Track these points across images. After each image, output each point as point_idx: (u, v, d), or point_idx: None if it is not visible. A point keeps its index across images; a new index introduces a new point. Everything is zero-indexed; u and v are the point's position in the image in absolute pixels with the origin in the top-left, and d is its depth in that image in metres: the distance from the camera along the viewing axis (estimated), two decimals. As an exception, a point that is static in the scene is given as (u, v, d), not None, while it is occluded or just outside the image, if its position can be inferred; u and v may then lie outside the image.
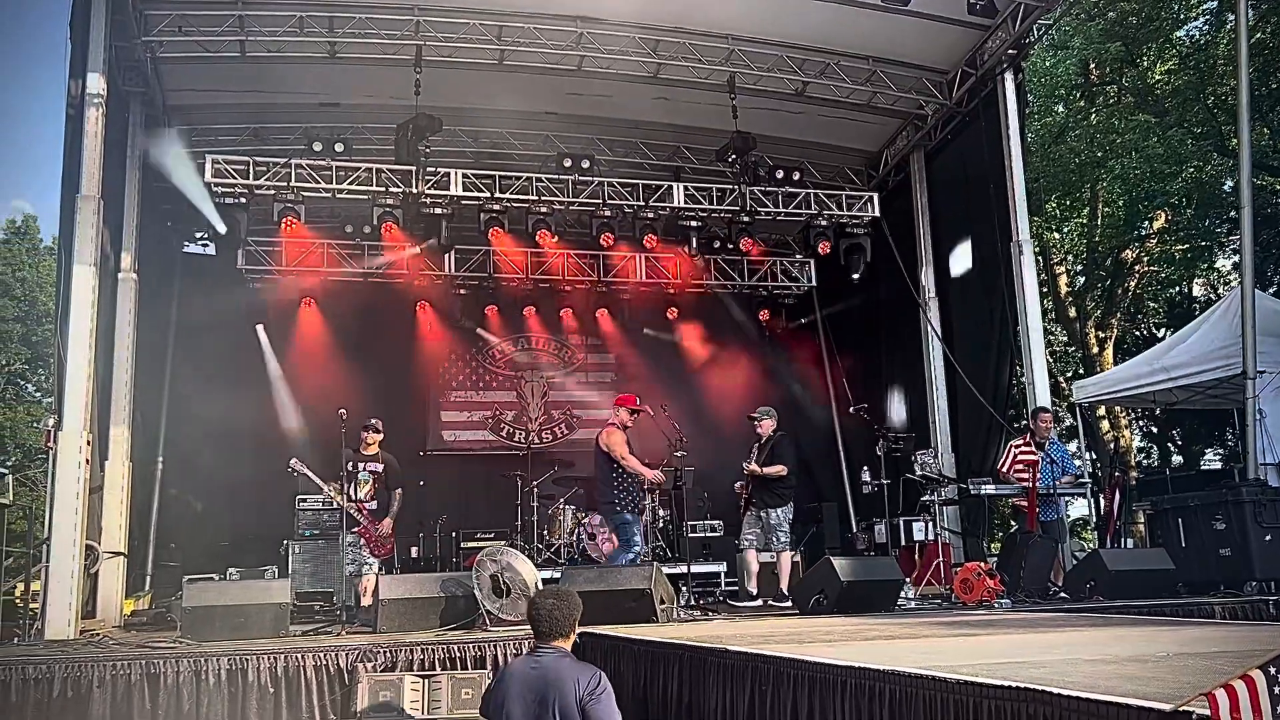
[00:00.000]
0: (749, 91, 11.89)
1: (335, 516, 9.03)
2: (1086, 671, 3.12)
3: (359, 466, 8.72)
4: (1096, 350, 21.44)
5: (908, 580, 8.71)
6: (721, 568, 11.12)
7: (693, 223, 12.51)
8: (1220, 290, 21.90)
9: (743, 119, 11.68)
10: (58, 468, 8.21)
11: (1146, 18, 19.82)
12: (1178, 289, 23.70)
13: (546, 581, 7.76)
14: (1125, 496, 11.59)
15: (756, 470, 9.18)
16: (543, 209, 12.06)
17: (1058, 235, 22.82)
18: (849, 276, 13.42)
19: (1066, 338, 23.59)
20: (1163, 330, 22.87)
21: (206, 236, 14.39)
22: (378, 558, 8.60)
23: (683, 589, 8.80)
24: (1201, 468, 20.98)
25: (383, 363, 13.81)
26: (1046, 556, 8.97)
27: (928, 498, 10.15)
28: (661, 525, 11.26)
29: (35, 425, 25.92)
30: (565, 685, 4.09)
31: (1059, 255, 23.00)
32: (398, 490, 8.85)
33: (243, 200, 11.18)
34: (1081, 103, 21.68)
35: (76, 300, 8.52)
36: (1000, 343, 11.78)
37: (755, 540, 9.34)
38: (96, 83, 8.97)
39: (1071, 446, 17.18)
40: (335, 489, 8.55)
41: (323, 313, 13.83)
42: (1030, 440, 9.59)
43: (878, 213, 12.82)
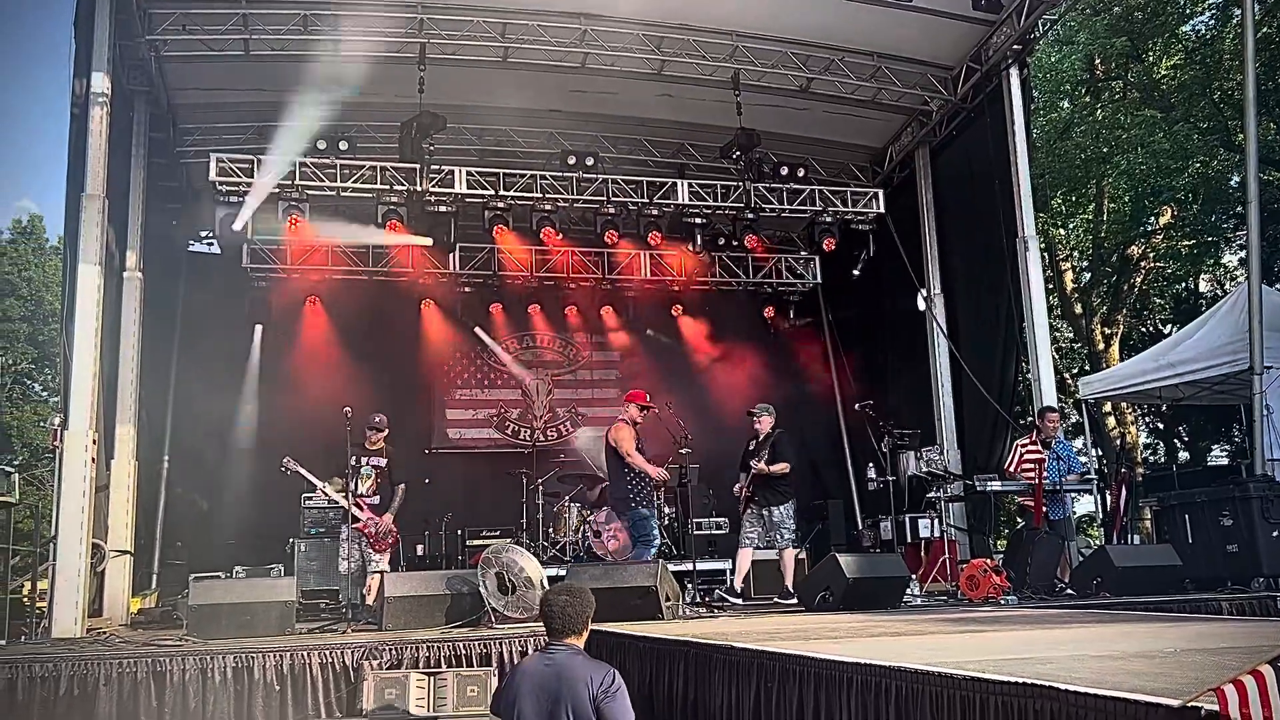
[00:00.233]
0: (753, 88, 11.87)
1: (340, 514, 9.04)
2: (1094, 667, 3.11)
3: (362, 461, 8.72)
4: (1102, 346, 21.38)
5: (913, 577, 8.70)
6: (727, 565, 11.10)
7: (697, 220, 12.50)
8: (1227, 286, 21.85)
9: (747, 115, 11.67)
10: (64, 467, 8.23)
11: (1152, 12, 19.75)
12: (1184, 285, 23.63)
13: (552, 579, 7.75)
14: (1132, 493, 11.58)
15: (765, 469, 9.14)
16: (547, 206, 12.05)
17: (1063, 231, 22.74)
18: (854, 273, 13.42)
19: (1072, 334, 23.53)
20: (1169, 326, 22.81)
21: (211, 235, 14.45)
22: (380, 553, 8.60)
23: (688, 586, 8.80)
24: (1208, 464, 20.92)
25: (388, 361, 13.81)
26: (1053, 553, 8.95)
27: (933, 494, 10.12)
28: (667, 522, 11.25)
29: (42, 424, 26.02)
30: (578, 683, 4.08)
31: (1064, 251, 22.93)
32: (400, 485, 8.85)
33: (247, 199, 11.17)
34: (1087, 98, 21.61)
35: (82, 299, 8.54)
36: (1006, 339, 11.76)
37: (756, 539, 9.31)
38: (101, 82, 8.98)
39: (1077, 443, 17.18)
40: (332, 486, 8.55)
41: (327, 311, 13.83)
42: (1036, 439, 9.57)
43: (883, 209, 12.80)
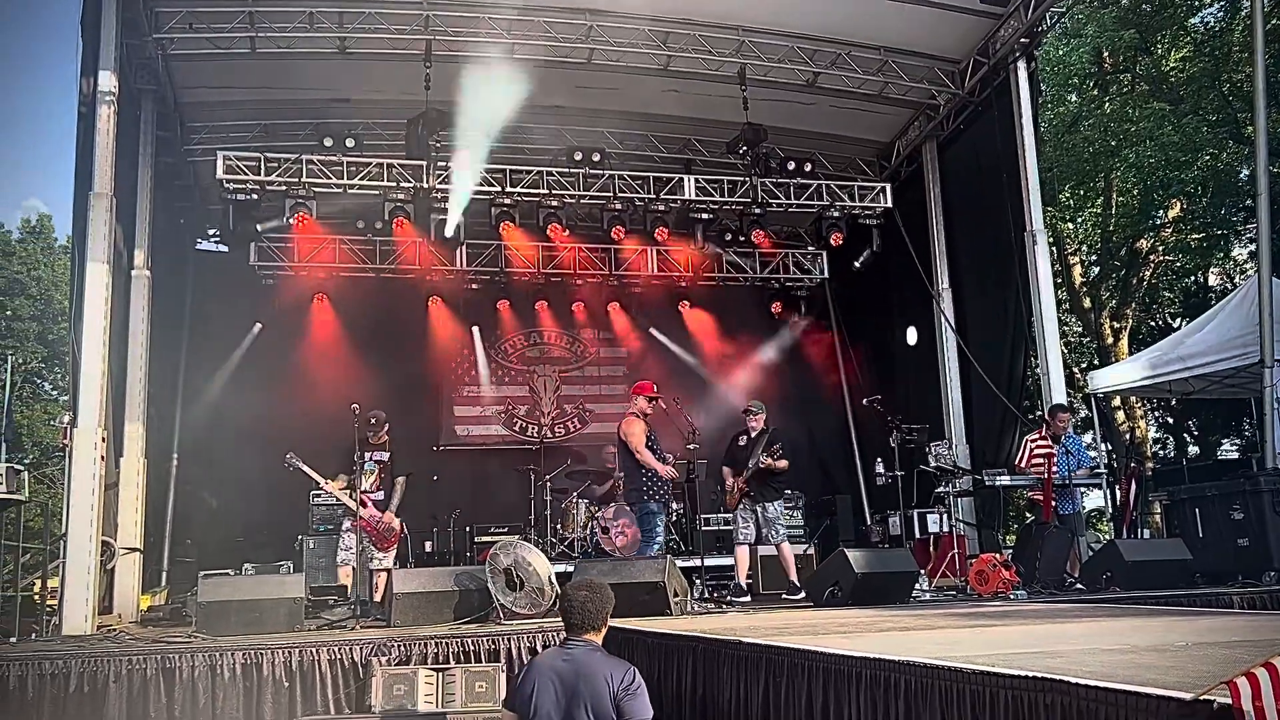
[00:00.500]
0: (760, 83, 11.84)
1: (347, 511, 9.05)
2: (1105, 661, 3.09)
3: (365, 457, 8.73)
4: (1111, 341, 21.31)
5: (922, 572, 8.68)
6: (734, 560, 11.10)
7: (704, 215, 12.49)
8: (1236, 279, 21.73)
9: (753, 110, 11.64)
10: (74, 465, 8.25)
11: (1160, 4, 19.66)
12: (1193, 278, 23.53)
13: (560, 575, 7.75)
14: (1141, 487, 11.52)
15: (775, 465, 9.13)
16: (553, 203, 12.06)
17: (1071, 225, 22.67)
18: (861, 268, 13.40)
19: (1081, 328, 23.45)
20: (1178, 320, 22.71)
21: (218, 234, 14.48)
22: (384, 551, 8.60)
23: (696, 581, 8.79)
24: (1218, 458, 20.83)
25: (395, 358, 13.82)
26: (1062, 547, 8.93)
27: (942, 489, 10.10)
28: (675, 518, 11.25)
29: (51, 423, 26.07)
30: (597, 680, 4.07)
31: (1073, 245, 22.86)
32: (400, 479, 8.85)
33: (254, 196, 11.21)
34: (1095, 91, 21.53)
35: (90, 298, 8.55)
36: (1014, 334, 11.72)
37: (751, 535, 9.31)
38: (108, 80, 8.99)
39: (1087, 438, 17.10)
40: (336, 483, 8.55)
41: (335, 308, 13.86)
42: (1046, 433, 9.55)
43: (890, 204, 12.77)
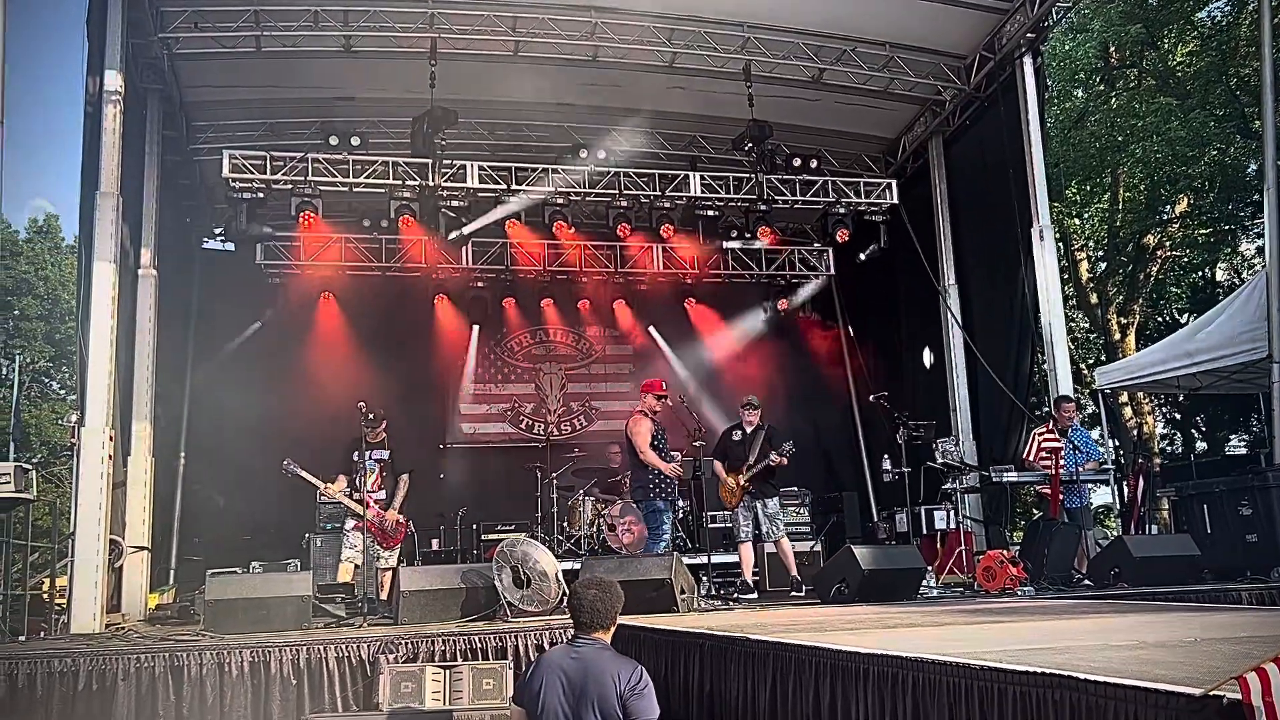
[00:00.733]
0: (765, 79, 11.81)
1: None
2: (1113, 657, 3.08)
3: (364, 457, 8.73)
4: (1118, 336, 21.26)
5: (930, 569, 8.67)
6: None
7: (710, 212, 12.48)
8: (1244, 275, 21.67)
9: (759, 107, 11.61)
10: (81, 464, 8.27)
11: (1167, -1, 19.60)
12: (1201, 274, 23.45)
13: (567, 573, 7.76)
14: (1149, 483, 11.48)
15: (784, 461, 9.13)
16: (559, 200, 12.05)
17: (1078, 221, 22.61)
18: (868, 264, 13.36)
19: (1088, 324, 23.40)
20: (1185, 316, 22.65)
21: (223, 234, 14.51)
22: (389, 550, 8.60)
23: (703, 579, 8.78)
24: (1226, 453, 20.79)
25: (401, 356, 13.85)
26: (1069, 543, 8.90)
27: (949, 486, 10.08)
28: (681, 516, 11.24)
29: (59, 422, 26.20)
30: (605, 679, 4.07)
31: (1080, 241, 22.80)
32: (403, 477, 8.83)
33: (260, 195, 11.23)
34: (1101, 86, 21.47)
35: (97, 297, 8.58)
36: (1021, 330, 11.70)
37: (751, 532, 9.30)
38: (114, 80, 9.01)
39: (1094, 433, 17.06)
40: (335, 485, 8.54)
41: (341, 307, 13.88)
42: (1053, 428, 9.53)
43: (896, 200, 12.75)
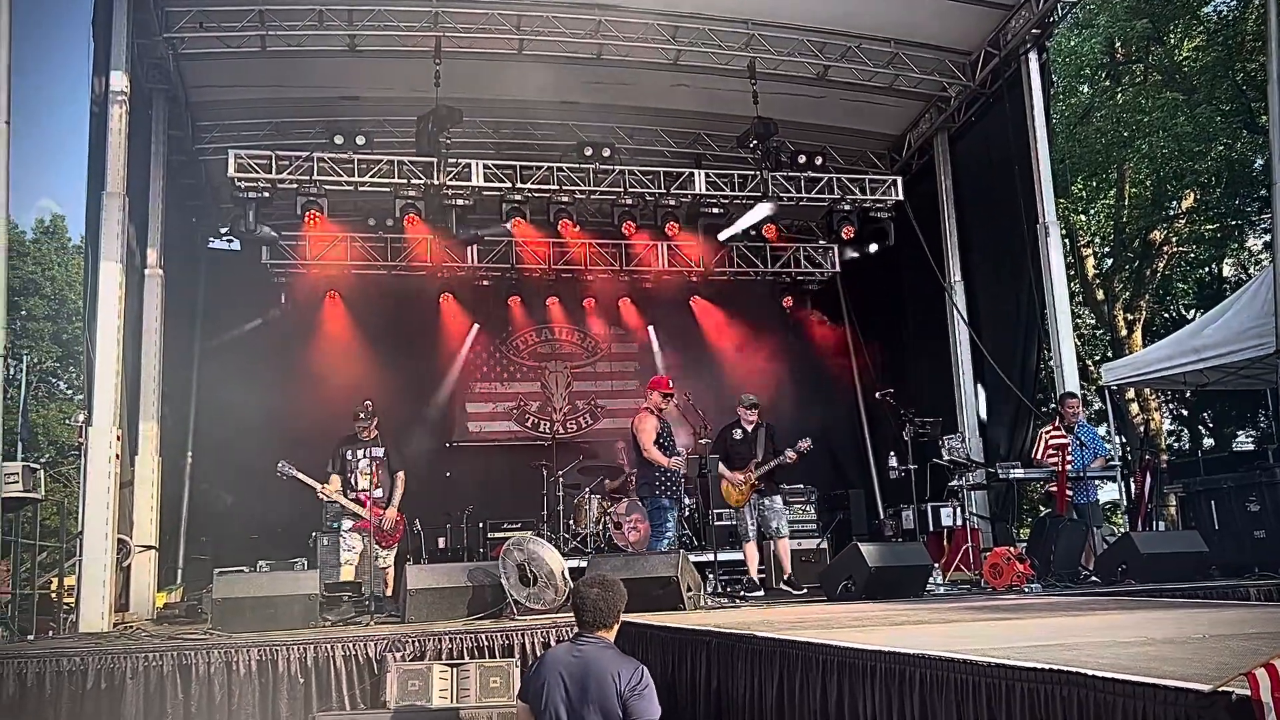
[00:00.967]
0: (770, 76, 11.80)
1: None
2: (1121, 653, 3.08)
3: (358, 455, 8.70)
4: (1125, 333, 21.21)
5: (936, 566, 8.65)
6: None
7: (715, 209, 12.47)
8: (1251, 270, 21.60)
9: (763, 104, 11.60)
10: (89, 463, 8.29)
11: (1173, -6, 19.54)
12: (1207, 269, 23.38)
13: (573, 570, 7.76)
14: (1156, 479, 11.45)
15: (795, 458, 9.12)
16: (564, 198, 12.05)
17: (1084, 217, 22.55)
18: (873, 261, 13.33)
19: (1094, 320, 23.35)
20: (1192, 311, 22.57)
21: (230, 235, 14.54)
22: (387, 549, 8.60)
23: (709, 576, 8.78)
24: (1234, 450, 20.72)
25: (408, 354, 13.88)
26: (1077, 540, 8.88)
27: (956, 483, 10.07)
28: (687, 513, 11.24)
29: (67, 422, 26.25)
30: (606, 678, 4.08)
31: (1086, 237, 22.75)
32: (399, 473, 8.81)
33: (266, 195, 11.25)
34: (1107, 82, 21.40)
35: (104, 297, 8.59)
36: (1027, 326, 11.68)
37: (757, 529, 9.29)
38: (120, 80, 9.03)
39: (1101, 430, 17.02)
40: (330, 486, 8.52)
41: (347, 306, 13.91)
42: (1059, 425, 9.51)
43: (901, 196, 12.71)
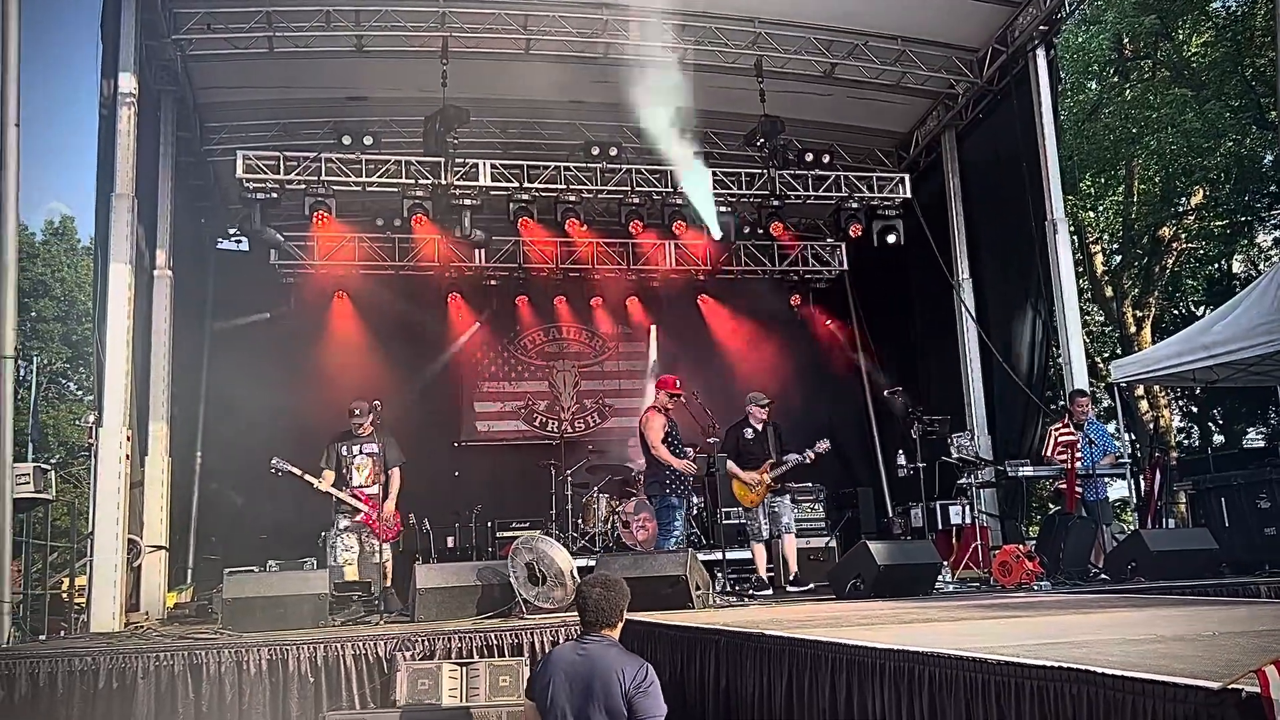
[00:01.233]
0: (776, 75, 11.80)
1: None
2: (1131, 651, 3.07)
3: (353, 451, 8.72)
4: (1134, 330, 21.14)
5: (945, 564, 8.64)
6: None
7: (722, 208, 12.47)
8: (1261, 266, 21.53)
9: (770, 102, 11.60)
10: (99, 464, 8.33)
11: (1181, -11, 19.47)
12: (1217, 266, 23.31)
13: (582, 569, 7.77)
14: (1166, 476, 11.41)
15: (814, 460, 9.12)
16: (571, 198, 12.07)
17: (1092, 214, 22.50)
18: (881, 259, 13.31)
19: (1103, 317, 23.29)
20: (1202, 308, 22.51)
21: (239, 235, 14.58)
22: (385, 541, 8.63)
23: (718, 575, 8.78)
24: (1244, 446, 20.64)
25: (416, 354, 13.91)
26: (1086, 538, 8.87)
27: (964, 481, 10.04)
28: (695, 512, 11.24)
29: (77, 423, 26.38)
30: (611, 676, 4.08)
31: (1094, 234, 22.69)
32: (395, 470, 8.83)
33: (274, 195, 11.28)
34: (1115, 78, 21.35)
35: (113, 298, 8.63)
36: (1036, 324, 11.65)
37: (769, 529, 9.29)
38: (128, 82, 9.06)
39: (1110, 427, 16.99)
40: (326, 481, 8.53)
41: (355, 306, 13.94)
42: (1069, 422, 9.49)
43: (909, 194, 12.72)
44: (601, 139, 12.26)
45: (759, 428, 9.29)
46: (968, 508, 10.37)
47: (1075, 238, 20.42)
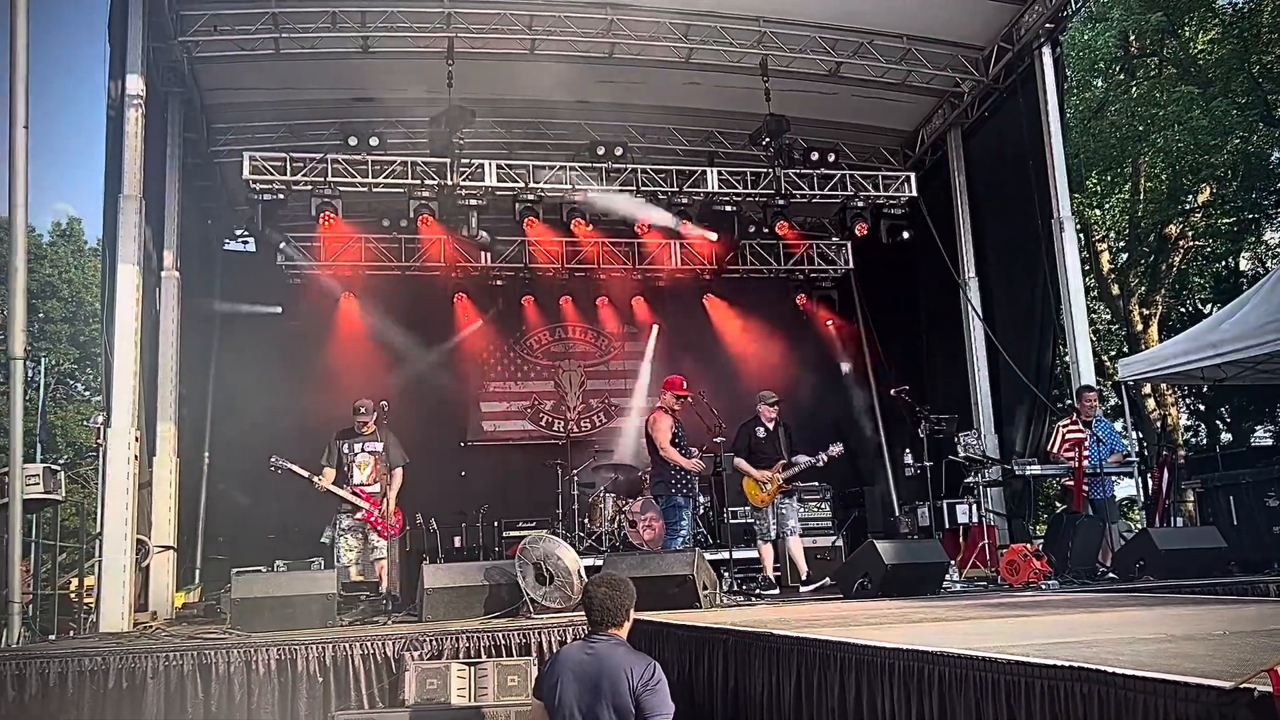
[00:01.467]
0: (782, 74, 11.80)
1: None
2: (1141, 650, 3.06)
3: (354, 449, 8.73)
4: (1141, 328, 21.08)
5: (952, 563, 8.63)
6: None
7: (727, 207, 12.47)
8: (1269, 264, 21.46)
9: (776, 101, 11.60)
10: (108, 464, 8.35)
11: (1187, -14, 19.41)
12: (1224, 263, 23.23)
13: (589, 569, 7.77)
14: (1174, 475, 11.39)
15: (827, 463, 9.12)
16: (577, 197, 12.07)
17: (1099, 211, 22.43)
18: (886, 258, 13.30)
19: (1110, 316, 23.23)
20: (1209, 306, 22.44)
21: (246, 234, 14.62)
22: (386, 539, 8.64)
23: (724, 574, 8.78)
24: (1252, 445, 20.58)
25: (422, 354, 13.92)
26: (1094, 536, 8.85)
27: (971, 479, 10.03)
28: (702, 512, 11.24)
29: (85, 423, 26.41)
30: (618, 675, 4.08)
31: (1101, 232, 22.62)
32: (397, 469, 8.83)
33: (280, 196, 11.30)
34: (1121, 76, 21.28)
35: (121, 299, 8.64)
36: (1042, 322, 11.63)
37: (778, 529, 9.29)
38: (135, 84, 9.08)
39: (1117, 426, 16.96)
40: (326, 479, 8.54)
41: (362, 306, 13.96)
42: (1076, 420, 9.47)
43: (915, 193, 12.71)
44: (607, 139, 12.27)
45: (770, 427, 9.29)
46: (975, 506, 10.36)
47: (1081, 236, 20.32)
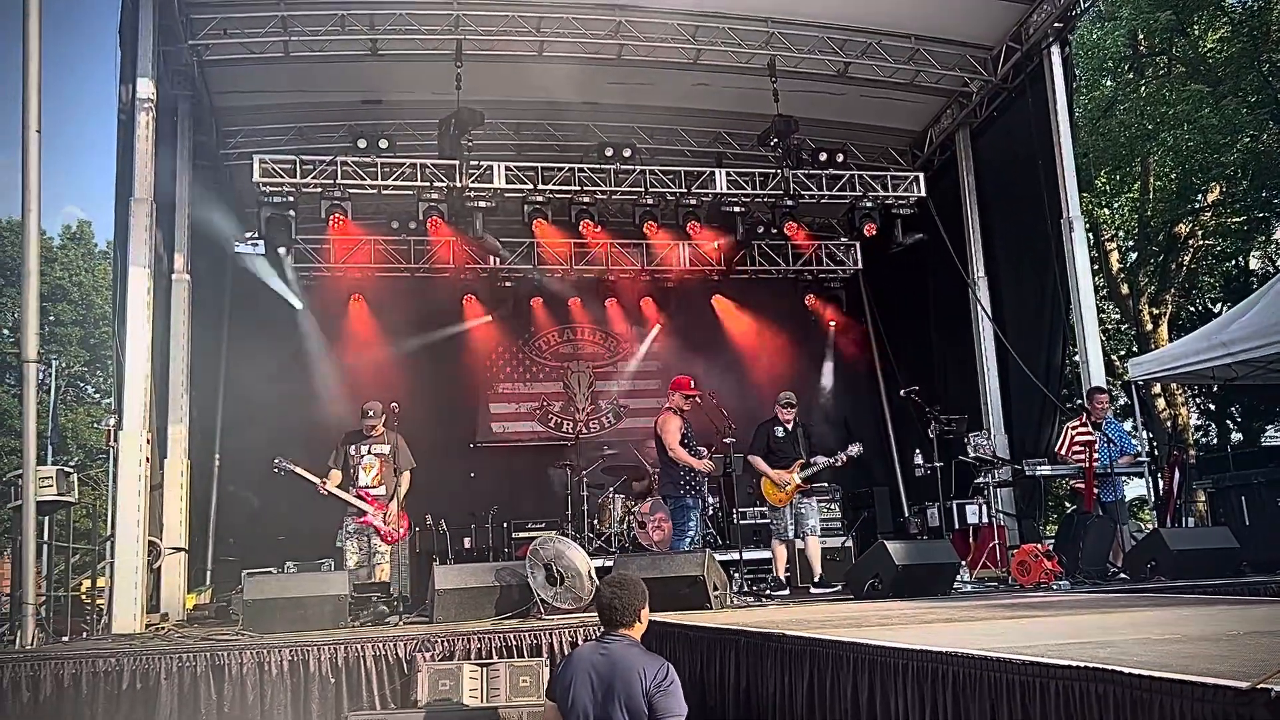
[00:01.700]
0: (790, 74, 11.79)
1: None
2: (1155, 650, 3.06)
3: (361, 451, 8.74)
4: (1151, 327, 21.02)
5: (963, 563, 8.62)
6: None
7: (736, 208, 12.47)
8: (1279, 263, 21.38)
9: (784, 102, 11.59)
10: (119, 467, 8.39)
11: (1197, -15, 19.35)
12: (1234, 262, 23.17)
13: (599, 570, 7.77)
14: (1185, 475, 11.35)
15: (846, 463, 9.11)
16: (585, 199, 12.09)
17: (1108, 211, 22.39)
18: (895, 258, 13.28)
19: (1119, 315, 23.17)
20: (1219, 305, 22.39)
21: (255, 236, 14.64)
22: (389, 543, 8.64)
23: (734, 575, 8.78)
24: (1263, 444, 20.52)
25: (432, 356, 13.95)
26: (1105, 537, 8.83)
27: (981, 480, 10.01)
28: (712, 512, 11.25)
29: (96, 426, 26.53)
30: (631, 675, 4.08)
31: (1110, 231, 22.57)
32: (405, 473, 8.82)
33: (290, 199, 11.34)
34: (1130, 75, 21.24)
35: (132, 302, 8.68)
36: (1052, 322, 11.60)
37: (794, 529, 9.28)
38: (146, 87, 9.11)
39: (1127, 425, 16.92)
40: (331, 481, 8.53)
41: (371, 308, 13.99)
42: (1086, 420, 9.45)
43: (924, 193, 12.69)
44: (616, 140, 12.27)
45: (789, 427, 9.31)
46: (984, 507, 10.33)
47: (1091, 235, 20.32)
